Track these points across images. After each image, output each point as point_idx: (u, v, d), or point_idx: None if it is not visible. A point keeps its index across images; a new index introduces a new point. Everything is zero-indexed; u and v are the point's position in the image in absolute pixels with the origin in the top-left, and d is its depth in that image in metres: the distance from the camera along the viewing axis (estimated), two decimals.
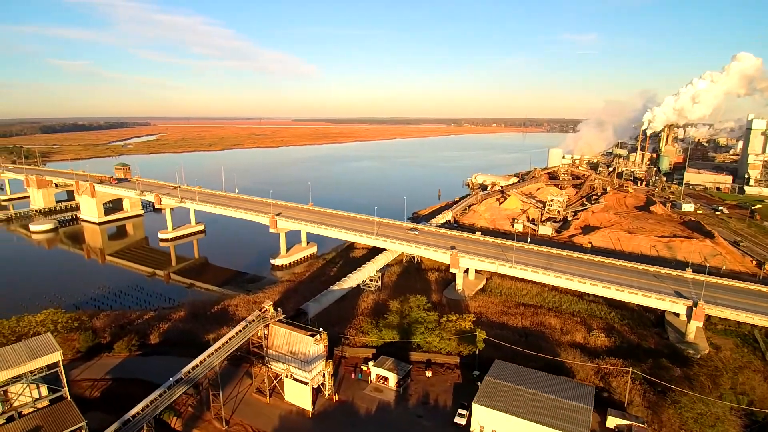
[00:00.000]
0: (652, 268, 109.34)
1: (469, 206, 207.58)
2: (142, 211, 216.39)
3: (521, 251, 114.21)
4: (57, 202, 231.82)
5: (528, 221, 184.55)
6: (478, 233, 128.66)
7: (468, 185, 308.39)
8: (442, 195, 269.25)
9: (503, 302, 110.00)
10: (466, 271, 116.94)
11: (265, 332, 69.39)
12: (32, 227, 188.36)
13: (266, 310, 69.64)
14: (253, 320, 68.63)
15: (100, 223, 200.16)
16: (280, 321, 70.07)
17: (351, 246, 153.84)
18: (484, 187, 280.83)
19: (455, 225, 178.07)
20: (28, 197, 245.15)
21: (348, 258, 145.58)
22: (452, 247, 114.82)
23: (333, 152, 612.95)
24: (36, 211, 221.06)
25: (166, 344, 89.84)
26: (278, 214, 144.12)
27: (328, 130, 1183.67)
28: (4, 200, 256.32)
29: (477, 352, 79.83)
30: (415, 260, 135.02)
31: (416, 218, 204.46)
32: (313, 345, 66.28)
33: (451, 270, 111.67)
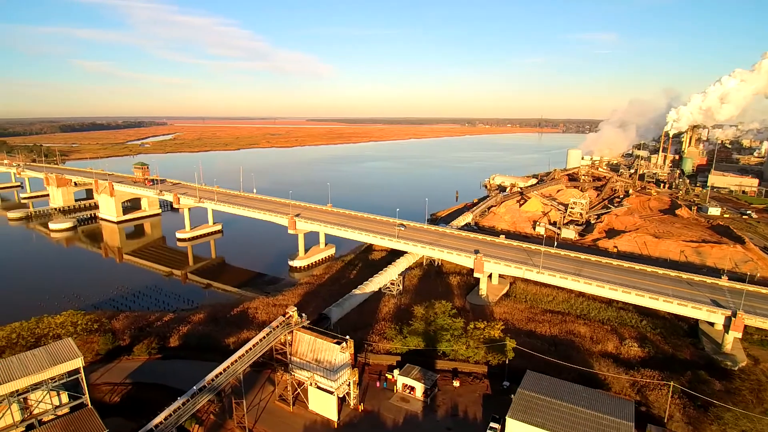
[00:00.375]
0: (685, 275, 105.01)
1: (489, 208, 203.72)
2: (159, 211, 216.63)
3: (548, 256, 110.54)
4: (76, 200, 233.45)
5: (549, 224, 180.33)
6: (502, 237, 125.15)
7: (486, 186, 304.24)
8: (459, 196, 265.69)
9: (529, 309, 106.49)
10: (490, 275, 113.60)
11: (289, 338, 67.05)
12: (51, 225, 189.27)
13: (290, 315, 67.33)
14: (278, 326, 66.35)
15: (118, 222, 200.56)
16: (304, 327, 67.66)
17: (369, 248, 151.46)
18: (502, 188, 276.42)
19: (475, 227, 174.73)
20: (48, 195, 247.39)
21: (367, 260, 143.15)
22: (476, 251, 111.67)
23: (348, 152, 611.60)
24: (55, 209, 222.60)
25: (185, 348, 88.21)
26: (297, 215, 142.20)
27: (342, 130, 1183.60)
28: (24, 198, 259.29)
29: (507, 362, 76.71)
30: (436, 263, 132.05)
31: (435, 220, 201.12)
32: (339, 353, 63.80)
33: (476, 275, 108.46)
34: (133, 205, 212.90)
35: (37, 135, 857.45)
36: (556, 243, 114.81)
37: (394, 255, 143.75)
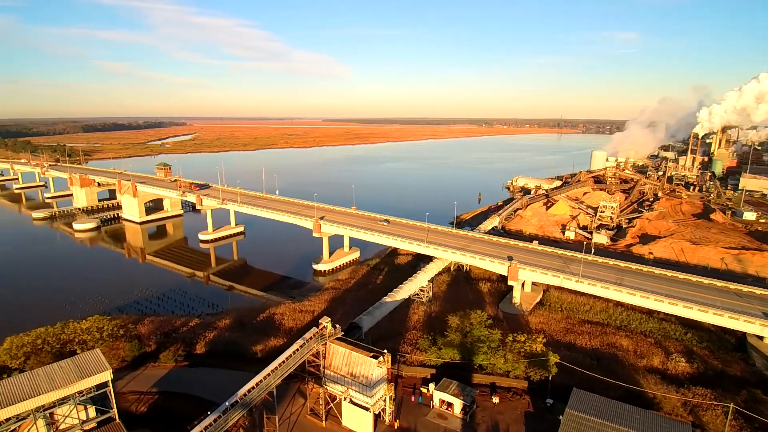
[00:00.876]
0: (732, 286, 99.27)
1: (515, 211, 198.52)
2: (181, 211, 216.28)
3: (585, 263, 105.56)
4: (99, 200, 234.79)
5: (579, 228, 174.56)
6: (536, 242, 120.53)
7: (508, 188, 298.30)
8: (482, 198, 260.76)
9: (566, 319, 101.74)
10: (522, 283, 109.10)
11: (323, 350, 63.84)
12: (75, 226, 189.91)
13: (324, 326, 64.06)
14: (311, 338, 63.14)
15: (141, 223, 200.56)
16: (338, 339, 64.38)
17: (394, 251, 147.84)
18: (526, 191, 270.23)
19: (502, 231, 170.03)
20: (71, 195, 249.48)
21: (392, 264, 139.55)
22: (509, 258, 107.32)
23: (366, 153, 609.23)
24: (79, 209, 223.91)
25: (212, 355, 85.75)
26: (321, 218, 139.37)
27: (359, 131, 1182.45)
28: (49, 198, 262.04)
29: (550, 378, 72.37)
30: (464, 269, 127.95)
31: (459, 223, 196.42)
32: (376, 368, 60.37)
33: (510, 282, 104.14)
34: (155, 205, 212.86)
35: (60, 135, 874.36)
36: (592, 250, 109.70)
37: (420, 259, 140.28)
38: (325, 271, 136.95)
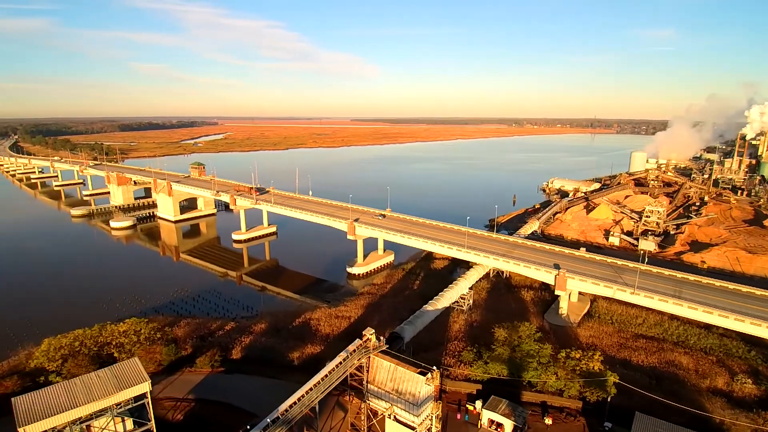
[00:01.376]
0: None
1: (554, 215, 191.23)
2: (215, 210, 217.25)
3: (634, 272, 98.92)
4: (135, 198, 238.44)
5: (622, 233, 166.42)
6: (583, 249, 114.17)
7: (544, 191, 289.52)
8: (517, 201, 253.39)
9: (618, 332, 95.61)
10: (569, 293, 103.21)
11: (366, 363, 60.32)
12: (112, 224, 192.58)
13: (368, 338, 60.56)
14: (354, 350, 59.72)
15: (175, 222, 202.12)
16: (383, 352, 60.74)
17: (429, 255, 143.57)
18: (564, 193, 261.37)
19: (541, 236, 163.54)
20: (108, 193, 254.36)
21: (428, 269, 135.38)
22: (555, 266, 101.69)
23: (395, 153, 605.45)
24: (116, 207, 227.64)
25: (248, 361, 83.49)
26: (356, 220, 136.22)
27: (387, 130, 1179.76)
28: (87, 195, 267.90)
29: (609, 399, 66.99)
30: (504, 275, 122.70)
31: (494, 226, 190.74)
32: (424, 385, 56.44)
33: (557, 292, 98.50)
34: (189, 204, 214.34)
35: (98, 133, 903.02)
36: (645, 259, 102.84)
37: (456, 264, 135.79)
38: (359, 274, 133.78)
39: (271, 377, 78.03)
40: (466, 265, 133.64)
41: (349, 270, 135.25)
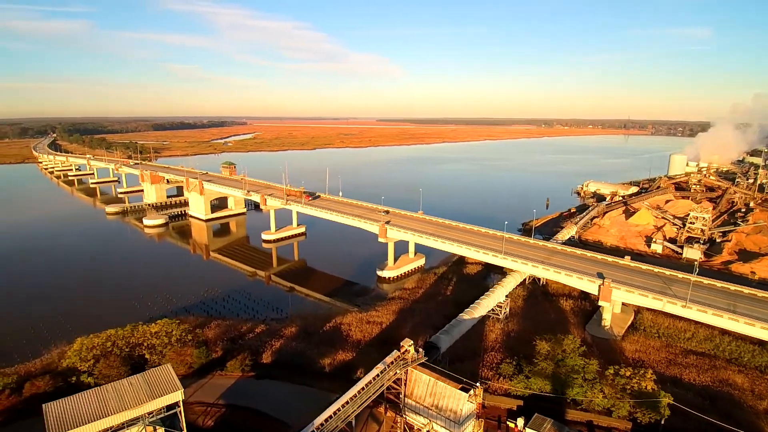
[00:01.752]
0: None
1: (591, 219, 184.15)
2: (245, 210, 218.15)
3: (685, 284, 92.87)
4: (168, 197, 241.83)
5: (665, 240, 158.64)
6: (627, 258, 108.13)
7: (578, 194, 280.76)
8: (550, 204, 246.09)
9: (666, 347, 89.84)
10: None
11: (403, 376, 57.32)
12: (145, 221, 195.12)
13: (406, 350, 57.53)
14: (392, 362, 56.80)
15: (206, 220, 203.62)
16: (421, 365, 57.63)
17: (461, 259, 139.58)
18: (600, 197, 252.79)
19: (578, 242, 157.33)
20: (141, 191, 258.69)
21: (461, 274, 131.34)
22: (599, 275, 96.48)
23: (422, 153, 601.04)
24: (149, 205, 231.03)
25: (278, 366, 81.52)
26: (387, 223, 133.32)
27: (414, 131, 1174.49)
28: (121, 193, 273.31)
29: (662, 421, 62.19)
30: (540, 282, 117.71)
31: (527, 230, 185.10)
32: (466, 402, 53.12)
33: (600, 303, 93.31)
34: (220, 203, 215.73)
35: (132, 132, 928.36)
36: (696, 269, 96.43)
37: (489, 269, 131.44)
38: (390, 278, 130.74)
39: (302, 384, 75.87)
40: (500, 271, 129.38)
41: (379, 273, 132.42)
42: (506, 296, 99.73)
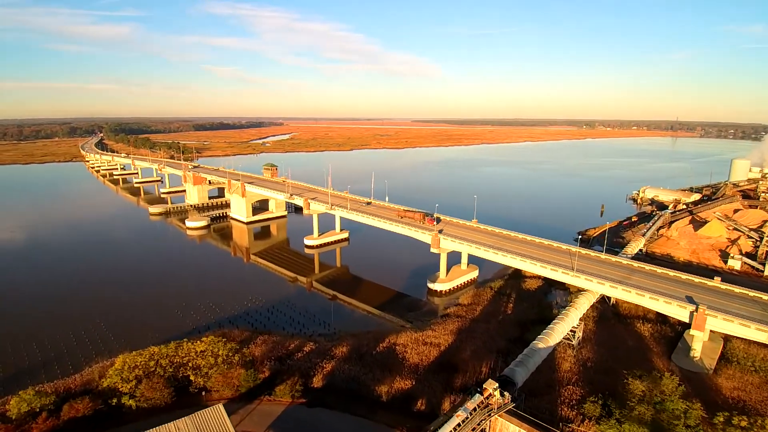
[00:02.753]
0: None
1: (657, 230, 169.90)
2: (285, 213, 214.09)
3: None
4: (209, 198, 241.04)
5: (742, 255, 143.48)
6: (717, 279, 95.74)
7: (634, 200, 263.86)
8: (605, 211, 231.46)
9: (766, 383, 77.87)
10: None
11: (488, 425, 48.90)
12: (188, 223, 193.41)
13: (490, 394, 49.10)
14: (475, 409, 48.48)
15: (247, 223, 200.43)
16: (510, 413, 49.07)
17: (517, 273, 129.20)
18: (660, 205, 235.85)
19: (645, 256, 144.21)
20: (183, 191, 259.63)
21: (518, 289, 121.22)
22: (689, 299, 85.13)
23: (461, 155, 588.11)
24: (191, 206, 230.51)
25: (330, 391, 74.51)
26: (441, 232, 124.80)
27: (451, 132, 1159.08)
28: (164, 193, 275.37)
29: None
30: (610, 302, 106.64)
31: (585, 240, 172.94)
32: None
33: (692, 332, 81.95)
34: (261, 206, 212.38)
35: (174, 132, 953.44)
36: None
37: (550, 285, 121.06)
38: (442, 291, 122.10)
39: (358, 415, 68.70)
40: (562, 287, 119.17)
41: (430, 286, 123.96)
42: (579, 320, 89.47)
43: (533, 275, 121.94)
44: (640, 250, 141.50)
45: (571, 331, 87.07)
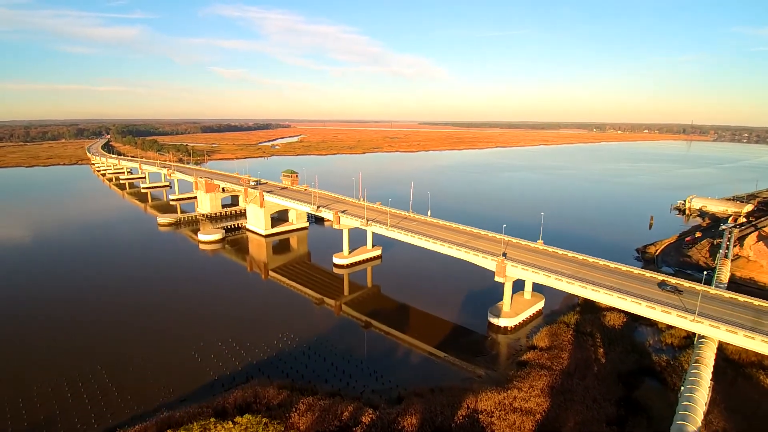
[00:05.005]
0: None
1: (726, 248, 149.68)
2: (307, 224, 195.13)
3: None
4: (222, 206, 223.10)
5: None
6: None
7: (680, 210, 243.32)
8: (652, 224, 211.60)
9: None
10: None
11: None
12: (201, 237, 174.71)
13: None
14: None
15: (266, 236, 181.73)
16: None
17: (588, 303, 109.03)
18: (713, 217, 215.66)
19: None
20: (194, 198, 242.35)
21: (599, 325, 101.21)
22: None
23: (477, 159, 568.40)
24: (203, 215, 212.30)
25: None
26: (504, 255, 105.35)
27: (463, 134, 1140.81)
28: (173, 200, 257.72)
29: None
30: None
31: (649, 260, 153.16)
32: None
33: None
34: (280, 216, 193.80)
35: (182, 134, 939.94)
36: None
37: (633, 319, 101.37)
38: (507, 327, 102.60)
39: None
40: (647, 322, 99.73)
41: (492, 320, 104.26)
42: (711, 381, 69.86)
43: (607, 306, 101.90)
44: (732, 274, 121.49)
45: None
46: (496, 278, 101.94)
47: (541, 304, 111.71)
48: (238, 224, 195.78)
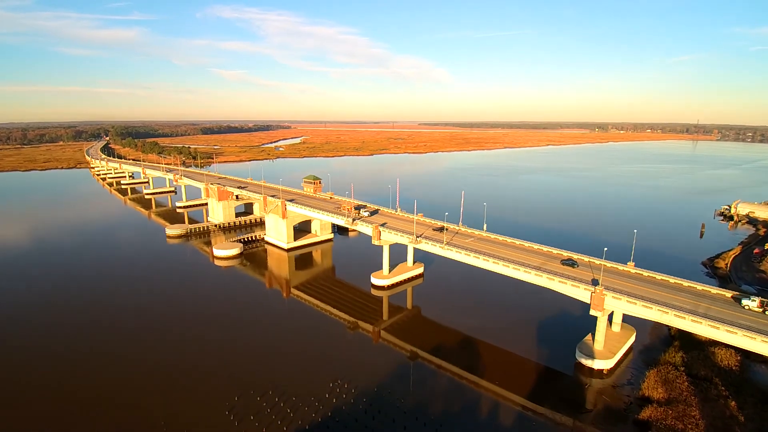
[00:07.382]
0: None
1: None
2: (331, 236, 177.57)
3: None
4: (236, 215, 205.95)
5: None
6: None
7: (723, 215, 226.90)
8: (704, 232, 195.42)
9: None
10: None
11: None
12: (216, 252, 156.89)
13: None
14: None
15: (288, 249, 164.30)
16: None
17: (685, 335, 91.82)
18: (766, 223, 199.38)
19: None
20: (203, 205, 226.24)
21: (711, 366, 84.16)
22: None
23: (487, 161, 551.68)
24: (215, 225, 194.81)
25: None
26: (597, 284, 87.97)
27: (468, 135, 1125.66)
28: (180, 207, 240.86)
29: None
30: None
31: (723, 276, 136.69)
32: None
33: None
34: (301, 227, 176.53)
35: (182, 136, 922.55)
36: None
37: (745, 355, 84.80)
38: (603, 371, 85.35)
39: None
40: (759, 359, 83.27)
41: (582, 361, 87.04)
42: None
43: (711, 340, 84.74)
44: None
45: None
46: (593, 312, 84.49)
47: (632, 339, 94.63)
48: (255, 236, 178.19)
